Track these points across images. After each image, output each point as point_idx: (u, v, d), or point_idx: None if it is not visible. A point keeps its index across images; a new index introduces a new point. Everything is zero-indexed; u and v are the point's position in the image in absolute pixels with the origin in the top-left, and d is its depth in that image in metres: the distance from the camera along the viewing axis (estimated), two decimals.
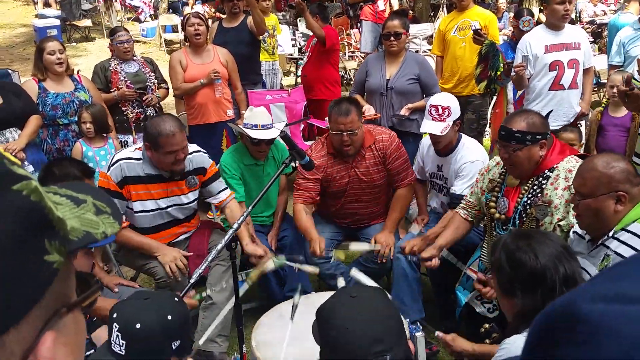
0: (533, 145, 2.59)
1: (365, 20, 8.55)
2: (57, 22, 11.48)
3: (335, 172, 3.44)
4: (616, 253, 2.15)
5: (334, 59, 5.98)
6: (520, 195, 2.72)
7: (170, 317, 1.53)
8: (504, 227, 2.80)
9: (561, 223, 2.58)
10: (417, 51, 9.11)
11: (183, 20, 4.91)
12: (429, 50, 8.28)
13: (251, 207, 2.36)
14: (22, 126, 3.94)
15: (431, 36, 9.35)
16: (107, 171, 3.05)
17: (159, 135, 2.94)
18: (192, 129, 4.72)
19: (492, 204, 2.83)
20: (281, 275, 3.50)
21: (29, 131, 3.93)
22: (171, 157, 2.98)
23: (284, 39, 9.32)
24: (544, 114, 2.96)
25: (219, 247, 2.21)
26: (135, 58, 4.79)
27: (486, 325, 2.45)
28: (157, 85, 4.80)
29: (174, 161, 3.01)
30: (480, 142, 5.11)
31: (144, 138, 3.09)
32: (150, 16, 14.12)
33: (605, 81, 5.40)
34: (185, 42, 5.30)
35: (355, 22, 10.32)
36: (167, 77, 4.90)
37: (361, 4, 9.23)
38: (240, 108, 4.87)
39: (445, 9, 11.55)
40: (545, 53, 4.22)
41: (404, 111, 4.29)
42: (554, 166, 2.64)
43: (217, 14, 11.01)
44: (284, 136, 2.54)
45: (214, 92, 4.64)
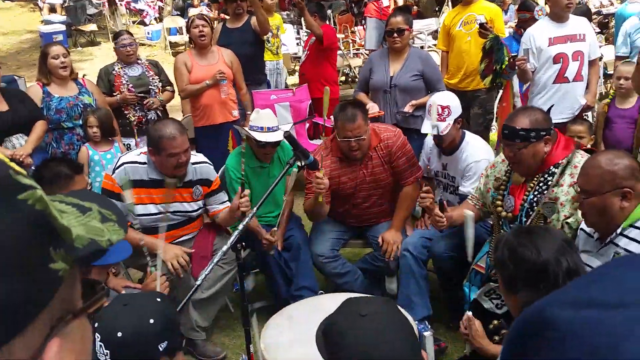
0: (537, 142, 2.57)
1: (369, 17, 8.49)
2: (63, 27, 11.53)
3: (342, 176, 3.43)
4: (626, 250, 2.13)
5: (332, 58, 5.98)
6: (527, 193, 2.70)
7: (152, 321, 1.49)
8: (511, 225, 2.78)
9: (569, 220, 2.55)
10: (422, 47, 9.07)
11: (187, 23, 4.92)
12: (434, 45, 8.23)
13: (256, 208, 2.36)
14: (28, 132, 3.96)
15: (436, 31, 9.31)
16: (112, 174, 3.07)
17: (160, 139, 2.96)
18: (198, 130, 4.73)
19: (499, 202, 2.82)
20: (288, 275, 3.50)
21: (35, 136, 3.95)
22: (173, 160, 3.00)
23: (289, 38, 9.33)
24: (548, 107, 2.94)
25: (224, 248, 2.21)
26: (139, 61, 4.80)
27: (495, 322, 2.45)
28: (161, 88, 4.80)
29: (177, 164, 3.02)
30: (487, 137, 5.09)
31: (147, 143, 3.10)
32: (155, 19, 14.16)
33: (612, 72, 5.35)
34: (190, 44, 5.30)
35: (360, 19, 10.29)
36: (172, 79, 4.91)
37: (365, 0, 9.18)
38: (245, 108, 4.88)
39: (450, 4, 11.48)
40: (549, 45, 4.19)
41: (408, 108, 4.27)
42: (560, 162, 2.62)
43: (221, 15, 11.03)
44: (287, 136, 2.54)
45: (220, 93, 4.64)
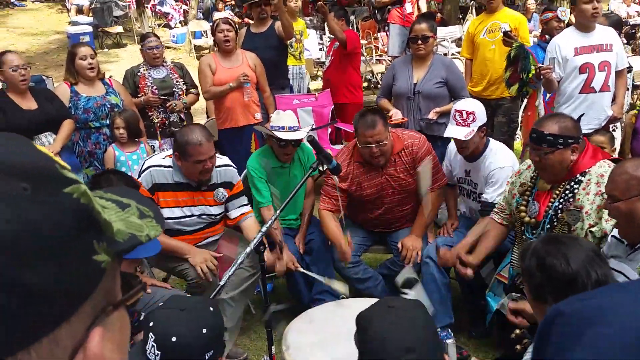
0: (565, 149, 2.55)
1: (392, 23, 8.50)
2: (90, 28, 11.72)
3: (365, 181, 3.43)
4: None
5: (355, 63, 5.99)
6: (552, 200, 2.68)
7: (205, 331, 1.55)
8: (533, 231, 2.76)
9: (593, 229, 2.52)
10: (445, 54, 9.05)
11: (212, 26, 4.97)
12: (458, 52, 8.22)
13: (279, 210, 2.38)
14: (56, 130, 4.04)
15: (460, 39, 9.29)
16: (138, 177, 3.12)
17: (187, 145, 3.00)
18: (221, 132, 4.77)
19: (523, 207, 2.80)
20: (309, 278, 3.51)
21: (63, 135, 4.03)
22: (199, 166, 3.04)
23: (311, 43, 9.36)
24: (578, 116, 2.92)
25: (247, 250, 2.23)
26: (164, 64, 4.86)
27: (517, 331, 2.42)
28: (185, 91, 4.86)
29: (202, 170, 3.06)
30: (511, 145, 5.05)
31: (174, 147, 3.15)
32: (180, 22, 14.32)
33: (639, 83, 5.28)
34: (214, 48, 5.36)
35: (383, 25, 10.29)
36: (197, 81, 4.96)
37: (389, 7, 9.18)
38: (268, 112, 4.91)
39: (474, 11, 11.45)
40: (575, 55, 4.15)
41: (431, 115, 4.26)
42: (586, 170, 2.60)
43: (245, 19, 11.12)
44: (311, 140, 2.56)
45: (243, 95, 4.68)
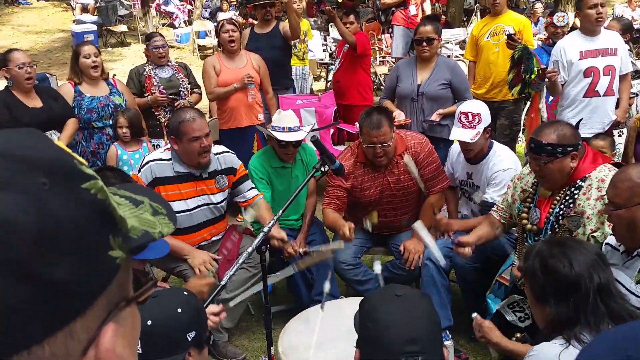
0: (564, 157, 2.55)
1: (396, 25, 8.52)
2: (94, 27, 11.76)
3: (367, 182, 3.43)
4: None
5: (365, 64, 5.99)
6: (553, 206, 2.67)
7: (180, 310, 1.55)
8: (535, 238, 2.76)
9: (595, 234, 2.52)
10: (449, 56, 9.05)
11: (217, 27, 4.98)
12: (462, 55, 8.21)
13: (282, 211, 2.37)
14: (61, 129, 4.04)
15: (464, 41, 9.28)
16: (138, 173, 3.13)
17: (181, 123, 3.01)
18: (224, 132, 4.78)
19: (524, 214, 2.80)
20: (309, 279, 3.52)
21: (68, 134, 4.04)
22: (196, 144, 3.03)
23: (315, 44, 9.38)
24: (577, 121, 2.92)
25: (249, 250, 2.23)
26: (169, 63, 4.87)
27: (517, 334, 2.43)
28: (190, 90, 4.87)
29: (200, 150, 3.05)
30: (513, 148, 5.05)
31: (169, 132, 3.15)
32: (185, 22, 14.35)
33: None
34: (218, 48, 5.37)
35: (387, 27, 10.30)
36: (200, 82, 4.97)
37: (393, 9, 9.19)
38: (271, 112, 4.92)
39: (478, 14, 11.46)
40: (580, 59, 4.15)
41: (434, 116, 4.26)
42: (587, 175, 2.60)
43: (248, 19, 11.13)
44: (314, 141, 2.56)
45: (247, 96, 4.69)
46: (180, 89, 4.78)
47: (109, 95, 4.33)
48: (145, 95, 4.68)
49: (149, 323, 1.51)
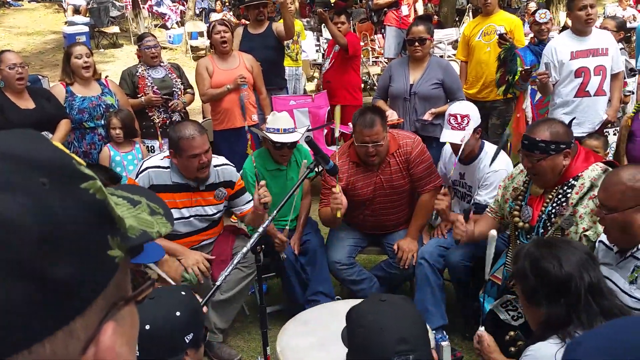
0: (557, 155, 2.56)
1: (389, 25, 8.53)
2: (86, 29, 11.71)
3: (360, 181, 3.44)
4: None
5: (356, 65, 6.02)
6: (545, 204, 2.69)
7: (178, 314, 1.55)
8: (527, 235, 2.77)
9: (588, 233, 2.53)
10: (442, 56, 9.07)
11: (209, 28, 4.98)
12: (454, 55, 8.24)
13: (276, 211, 2.38)
14: (53, 130, 4.03)
15: (456, 41, 9.30)
16: (135, 178, 3.11)
17: (180, 140, 3.00)
18: (218, 133, 4.77)
19: (516, 212, 2.81)
20: (304, 279, 3.52)
21: (60, 135, 4.02)
22: (194, 161, 3.03)
23: (308, 45, 9.38)
24: (569, 120, 2.93)
25: (244, 250, 2.23)
26: (162, 64, 4.86)
27: (511, 333, 2.44)
28: (183, 91, 4.87)
29: (198, 166, 3.05)
30: (506, 147, 5.07)
31: (169, 145, 3.14)
32: (177, 23, 14.31)
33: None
34: (211, 49, 5.37)
35: (379, 27, 10.32)
36: (193, 82, 4.97)
37: (385, 9, 9.20)
38: (264, 113, 4.92)
39: (470, 14, 11.49)
40: (570, 59, 4.18)
41: (427, 116, 4.28)
42: (579, 174, 2.61)
43: (241, 20, 11.12)
44: (308, 141, 2.56)
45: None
46: (173, 89, 4.77)
47: (101, 96, 4.32)
48: (139, 96, 4.67)
49: (147, 328, 1.50)
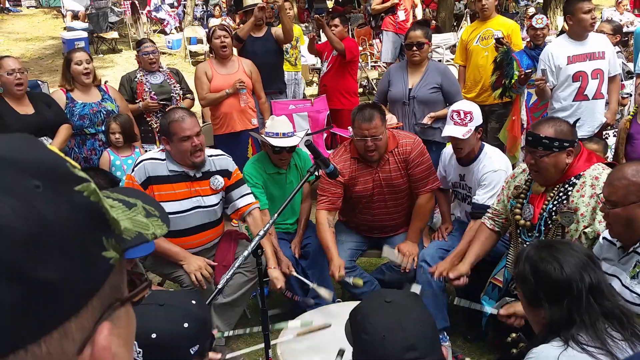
0: (560, 152, 2.58)
1: (386, 30, 8.56)
2: (85, 34, 11.74)
3: (359, 177, 3.45)
4: None
5: (353, 69, 6.04)
6: (546, 202, 2.71)
7: (187, 325, 1.51)
8: (529, 234, 2.78)
9: (587, 230, 2.56)
10: (440, 60, 9.10)
11: (209, 33, 5.00)
12: (452, 59, 8.27)
13: (276, 215, 2.38)
14: (54, 135, 4.03)
15: (454, 46, 9.33)
16: (132, 172, 3.13)
17: (170, 123, 3.03)
18: (218, 138, 4.79)
19: (517, 210, 2.83)
20: (305, 283, 3.52)
21: (60, 140, 4.02)
22: (187, 144, 3.03)
23: (307, 50, 9.38)
24: (574, 121, 2.96)
25: (245, 253, 2.23)
26: (161, 69, 4.87)
27: (513, 335, 2.44)
28: (182, 96, 4.88)
29: (191, 149, 3.05)
30: (504, 151, 5.08)
31: (161, 133, 3.16)
32: (176, 28, 14.35)
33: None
34: (210, 54, 5.38)
35: (377, 32, 10.34)
36: (192, 87, 4.98)
37: (382, 14, 9.23)
38: (264, 117, 4.94)
39: (468, 19, 11.53)
40: (568, 64, 4.19)
41: (426, 120, 4.30)
42: (581, 173, 2.63)
43: (240, 26, 11.13)
44: (308, 145, 2.57)
45: (239, 101, 4.71)
46: (172, 94, 4.79)
47: (101, 102, 4.33)
48: (137, 101, 4.68)
49: (154, 336, 1.46)
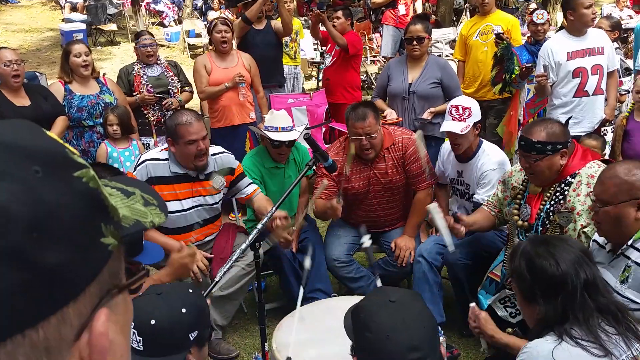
0: (553, 155, 2.58)
1: (386, 24, 8.54)
2: (83, 26, 11.68)
3: (354, 174, 3.45)
4: (637, 264, 2.13)
5: (356, 63, 6.01)
6: (543, 202, 2.71)
7: (184, 310, 1.55)
8: (526, 234, 2.79)
9: (586, 229, 2.55)
10: (439, 55, 9.08)
11: (209, 26, 4.98)
12: (452, 54, 8.26)
13: (274, 208, 2.39)
14: (50, 127, 4.02)
15: (454, 40, 9.32)
16: (134, 171, 3.12)
17: (177, 126, 3.01)
18: (215, 131, 4.78)
19: (515, 211, 2.83)
20: (301, 277, 3.53)
21: (56, 132, 4.01)
22: (192, 147, 3.03)
23: (306, 43, 9.36)
24: (567, 119, 2.95)
25: (243, 246, 2.23)
26: (159, 62, 4.86)
27: (509, 330, 2.45)
28: (180, 89, 4.86)
29: (196, 153, 3.05)
30: (501, 146, 5.09)
31: (167, 134, 3.15)
32: (174, 21, 14.29)
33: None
34: (209, 47, 5.37)
35: (377, 26, 10.32)
36: (191, 80, 4.97)
37: (382, 8, 9.21)
38: (262, 112, 4.93)
39: (468, 14, 11.50)
40: (568, 60, 4.19)
41: (426, 115, 4.29)
42: (576, 172, 2.63)
43: (239, 18, 11.10)
44: (307, 138, 2.57)
45: (238, 95, 4.70)
46: (169, 87, 4.77)
47: (99, 94, 4.32)
48: (134, 94, 4.67)
49: (153, 323, 1.50)
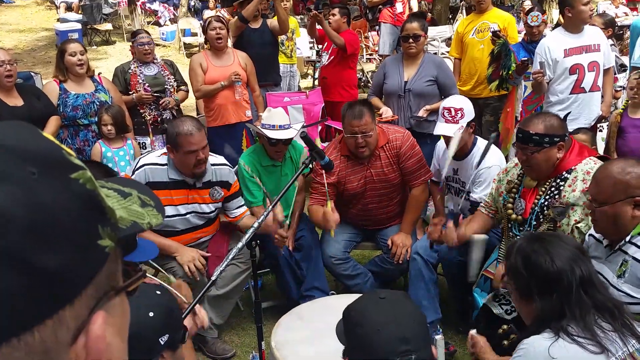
0: (551, 148, 2.59)
1: (384, 22, 8.54)
2: (79, 25, 11.65)
3: (350, 174, 3.45)
4: (634, 258, 2.14)
5: (353, 62, 6.02)
6: (538, 197, 2.71)
7: (152, 314, 1.49)
8: (520, 228, 2.79)
9: (580, 225, 2.56)
10: (435, 53, 9.09)
11: (204, 24, 4.97)
12: (448, 52, 8.26)
13: (271, 206, 2.38)
14: (43, 127, 4.00)
15: (450, 38, 9.33)
16: (132, 175, 3.11)
17: (178, 135, 3.00)
18: (212, 130, 4.77)
19: (510, 205, 2.84)
20: (298, 275, 3.53)
21: (49, 132, 3.99)
22: (192, 157, 3.03)
23: (302, 42, 9.36)
24: (565, 115, 2.96)
25: (239, 245, 2.23)
26: (155, 61, 4.85)
27: (504, 327, 2.45)
28: (176, 88, 4.85)
29: (195, 162, 3.05)
30: (498, 144, 5.09)
31: (166, 141, 3.14)
32: (170, 20, 14.27)
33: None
34: (204, 46, 5.36)
35: (374, 25, 10.32)
36: (187, 79, 4.96)
37: (380, 6, 9.21)
38: (258, 110, 4.92)
39: (464, 12, 11.52)
40: (564, 57, 4.19)
41: (422, 112, 4.30)
42: (572, 168, 2.64)
43: (235, 17, 11.09)
44: (304, 137, 2.57)
45: (234, 94, 4.69)
46: (165, 86, 4.76)
47: (95, 93, 4.31)
48: (131, 92, 4.66)
49: None
